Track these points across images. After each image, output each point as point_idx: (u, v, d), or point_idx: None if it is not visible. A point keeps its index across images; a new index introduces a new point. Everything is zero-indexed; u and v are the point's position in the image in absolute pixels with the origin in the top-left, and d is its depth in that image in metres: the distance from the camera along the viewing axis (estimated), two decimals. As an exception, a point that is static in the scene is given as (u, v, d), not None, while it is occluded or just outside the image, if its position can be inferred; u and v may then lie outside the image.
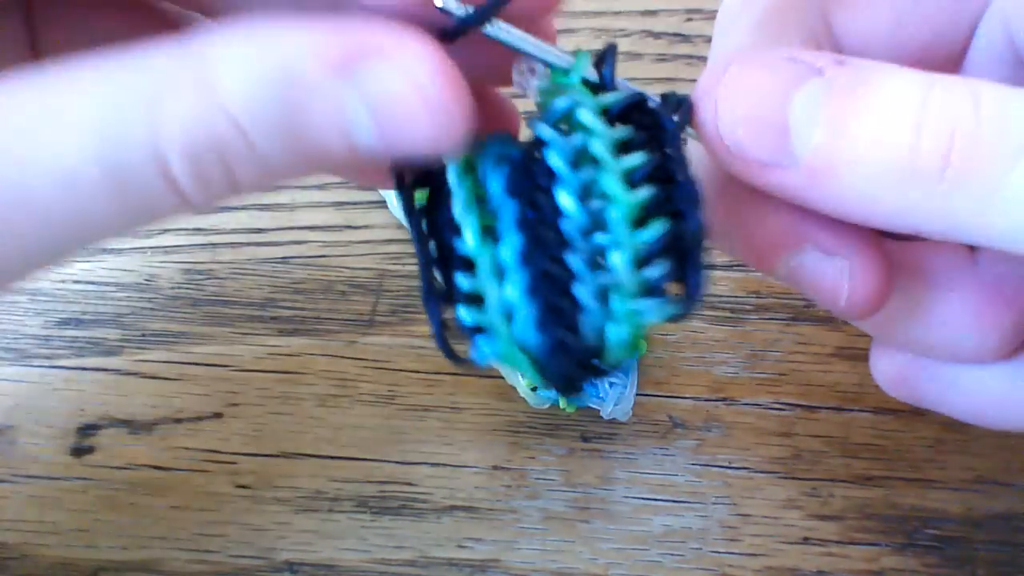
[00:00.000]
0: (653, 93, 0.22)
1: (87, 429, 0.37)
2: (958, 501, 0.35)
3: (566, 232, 0.22)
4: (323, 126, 0.20)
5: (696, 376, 0.37)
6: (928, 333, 0.23)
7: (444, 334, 0.22)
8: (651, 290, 0.21)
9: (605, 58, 0.22)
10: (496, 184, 0.22)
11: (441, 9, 0.21)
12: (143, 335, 0.38)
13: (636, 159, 0.21)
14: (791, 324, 0.37)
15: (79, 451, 0.36)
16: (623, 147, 0.21)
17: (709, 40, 0.41)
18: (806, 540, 0.34)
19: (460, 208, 0.22)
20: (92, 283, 0.39)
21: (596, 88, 0.22)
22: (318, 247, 0.39)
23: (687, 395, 0.36)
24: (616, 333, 0.21)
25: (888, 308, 0.23)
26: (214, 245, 0.39)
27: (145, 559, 0.35)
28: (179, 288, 0.39)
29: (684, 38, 0.42)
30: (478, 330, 0.22)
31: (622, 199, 0.21)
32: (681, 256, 0.22)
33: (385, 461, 0.36)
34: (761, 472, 0.35)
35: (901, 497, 0.35)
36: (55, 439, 0.36)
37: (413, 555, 0.35)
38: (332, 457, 0.36)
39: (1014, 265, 0.23)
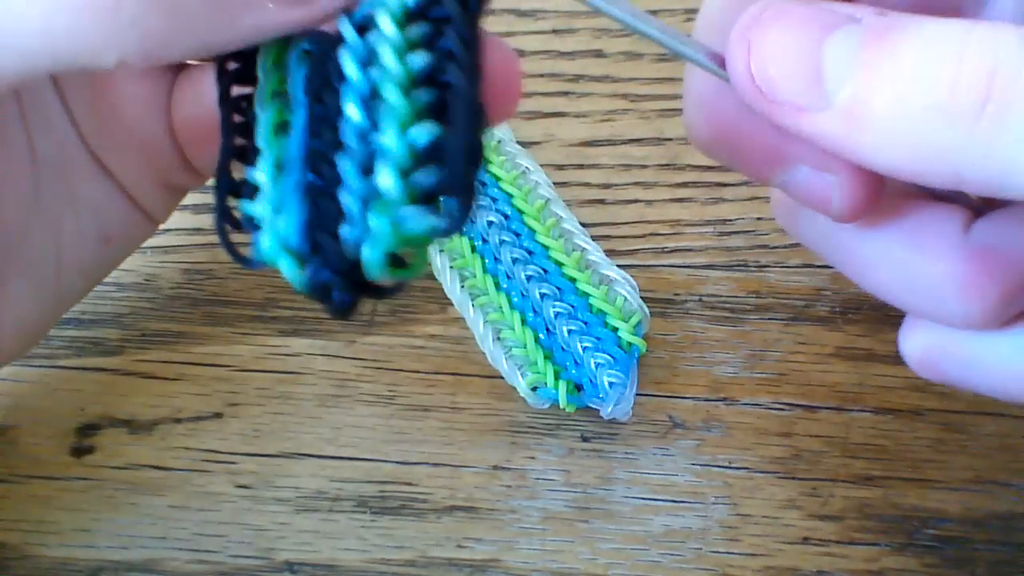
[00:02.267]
0: None
1: (87, 429, 0.37)
2: (958, 501, 0.35)
3: (344, 134, 0.21)
4: None
5: (696, 376, 0.37)
6: (916, 298, 0.24)
7: (223, 222, 0.22)
8: (416, 195, 0.20)
9: None
10: (295, 80, 0.22)
11: None
12: (143, 335, 0.38)
13: (418, 61, 0.21)
14: (791, 324, 0.37)
15: (79, 451, 0.36)
16: (414, 47, 0.21)
17: (709, 40, 0.42)
18: (806, 540, 0.35)
19: (257, 101, 0.22)
20: (92, 283, 0.39)
21: None
22: None
23: (687, 395, 0.36)
24: (376, 242, 0.20)
25: (881, 273, 0.24)
26: (214, 245, 0.39)
27: (145, 559, 0.35)
28: (179, 288, 0.39)
29: (684, 38, 0.42)
30: (255, 225, 0.22)
31: (395, 104, 0.20)
32: (453, 162, 0.20)
33: (385, 461, 0.36)
34: (761, 472, 0.35)
35: (901, 497, 0.35)
36: (55, 439, 0.36)
37: (413, 555, 0.35)
38: (332, 457, 0.36)
39: (1008, 235, 0.23)
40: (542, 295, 0.36)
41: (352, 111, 0.21)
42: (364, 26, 0.21)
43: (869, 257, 0.24)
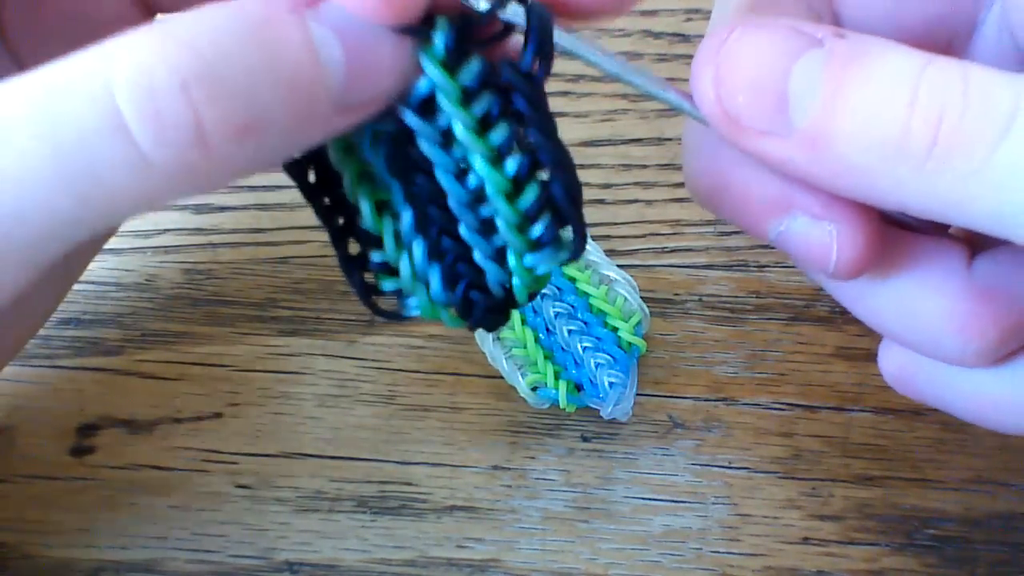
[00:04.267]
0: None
1: (87, 429, 0.37)
2: (958, 501, 0.35)
3: (453, 207, 0.23)
4: (294, 56, 0.19)
5: (696, 376, 0.37)
6: (916, 334, 0.24)
7: (369, 295, 0.24)
8: (539, 244, 0.23)
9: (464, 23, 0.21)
10: (379, 163, 0.22)
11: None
12: (143, 335, 0.38)
13: (499, 134, 0.22)
14: (791, 324, 0.37)
15: (79, 451, 0.36)
16: (485, 121, 0.22)
17: (709, 40, 0.42)
18: (806, 540, 0.35)
19: (348, 188, 0.23)
20: (92, 283, 0.39)
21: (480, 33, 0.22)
22: (318, 247, 0.39)
23: (687, 395, 0.36)
24: (519, 285, 0.24)
25: (881, 305, 0.24)
26: (214, 245, 0.39)
27: (145, 559, 0.35)
28: (179, 288, 0.39)
29: (684, 38, 0.42)
30: (400, 293, 0.24)
31: (492, 178, 0.22)
32: (561, 208, 0.23)
33: (385, 461, 0.36)
34: (761, 472, 0.35)
35: (901, 497, 0.35)
36: (55, 439, 0.36)
37: (413, 555, 0.35)
38: (332, 457, 0.36)
39: (1008, 274, 0.23)
40: (542, 295, 0.36)
41: (452, 188, 0.22)
42: (424, 105, 0.22)
43: (865, 289, 0.24)
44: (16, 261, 0.20)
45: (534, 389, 0.35)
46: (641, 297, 0.36)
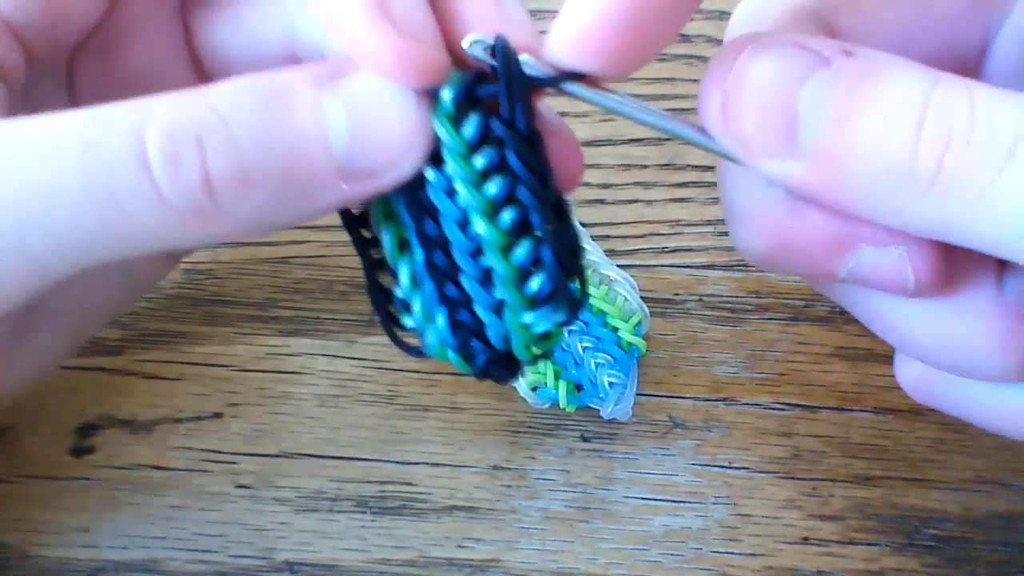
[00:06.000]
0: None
1: (87, 429, 0.37)
2: (958, 501, 0.35)
3: (456, 256, 0.23)
4: (300, 122, 0.21)
5: (696, 376, 0.37)
6: (953, 356, 0.23)
7: (392, 329, 0.25)
8: (534, 302, 0.23)
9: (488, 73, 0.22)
10: (398, 204, 0.24)
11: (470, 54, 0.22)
12: (143, 335, 0.38)
13: (495, 187, 0.22)
14: (791, 324, 0.37)
15: (79, 451, 0.36)
16: (487, 173, 0.22)
17: (709, 40, 0.42)
18: (806, 540, 0.35)
19: (375, 223, 0.24)
20: (92, 283, 0.38)
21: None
22: (318, 247, 0.39)
23: (687, 395, 0.36)
24: (517, 341, 0.24)
25: (913, 331, 0.23)
26: (214, 245, 0.39)
27: (145, 559, 0.35)
28: (179, 288, 0.39)
29: (684, 38, 0.42)
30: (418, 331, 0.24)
31: (486, 231, 0.22)
32: (549, 269, 0.23)
33: (385, 461, 0.36)
34: (761, 472, 0.35)
35: (901, 497, 0.35)
36: (55, 439, 0.36)
37: (413, 555, 0.35)
38: (332, 457, 0.36)
39: None
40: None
41: (454, 237, 0.23)
42: (437, 156, 0.23)
43: (900, 312, 0.24)
44: (26, 269, 0.22)
45: (534, 389, 0.35)
46: (641, 297, 0.36)
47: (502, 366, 0.24)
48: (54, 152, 0.21)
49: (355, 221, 0.25)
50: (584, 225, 0.38)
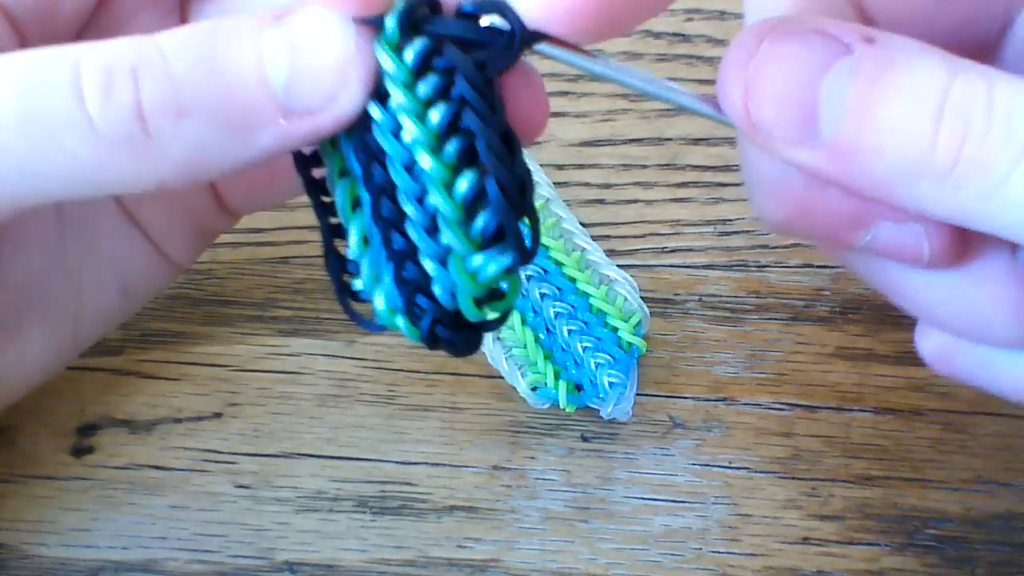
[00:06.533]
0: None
1: (87, 429, 0.37)
2: (958, 501, 0.35)
3: (401, 200, 0.22)
4: (239, 55, 0.21)
5: (696, 376, 0.37)
6: (968, 322, 0.24)
7: (344, 296, 0.24)
8: (480, 243, 0.21)
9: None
10: (348, 154, 0.22)
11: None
12: (143, 335, 0.38)
13: (437, 116, 0.21)
14: (791, 324, 0.37)
15: (79, 451, 0.36)
16: (430, 103, 0.21)
17: (709, 40, 0.42)
18: (806, 540, 0.34)
19: (328, 183, 0.23)
20: (92, 283, 0.38)
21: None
22: (318, 247, 0.38)
23: (687, 395, 0.36)
24: (463, 292, 0.22)
25: (930, 293, 0.24)
26: (214, 245, 0.39)
27: (145, 559, 0.35)
28: (179, 288, 0.39)
29: (684, 38, 0.42)
30: (367, 298, 0.23)
31: (428, 163, 0.21)
32: (493, 203, 0.21)
33: (385, 461, 0.36)
34: (761, 472, 0.35)
35: (901, 497, 0.35)
36: (55, 439, 0.36)
37: (413, 555, 0.35)
38: (332, 457, 0.36)
39: None
40: (542, 295, 0.36)
41: (399, 180, 0.22)
42: (385, 93, 0.22)
43: (916, 281, 0.24)
44: None
45: (534, 389, 0.35)
46: (641, 297, 0.36)
47: (453, 330, 0.22)
48: None
49: (318, 187, 0.24)
50: (584, 225, 0.38)
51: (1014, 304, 0.23)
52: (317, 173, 0.24)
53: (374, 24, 0.21)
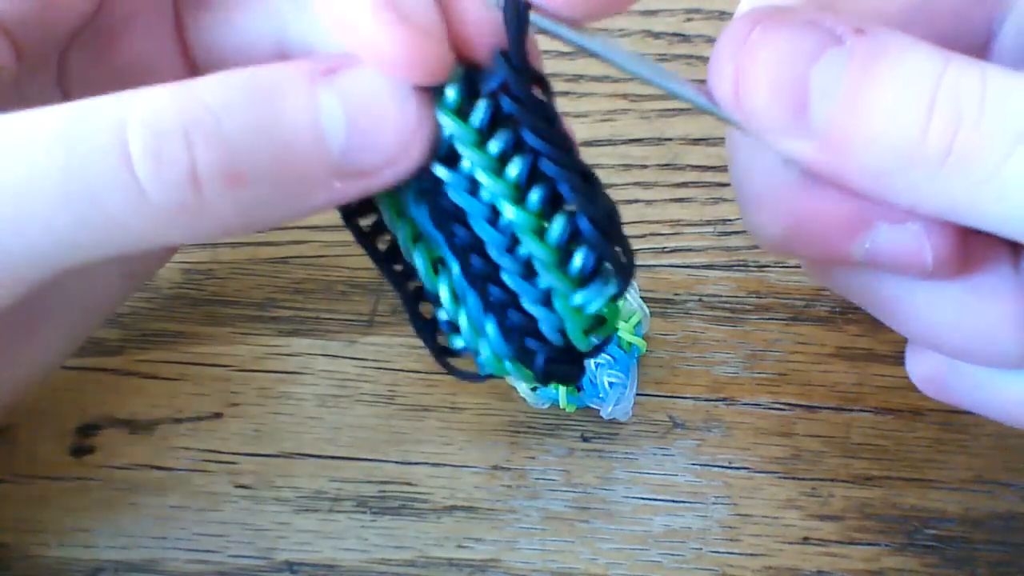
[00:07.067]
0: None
1: (87, 429, 0.37)
2: (958, 501, 0.35)
3: (492, 253, 0.22)
4: (294, 116, 0.21)
5: (696, 376, 0.37)
6: (970, 341, 0.23)
7: (444, 357, 0.24)
8: (581, 280, 0.22)
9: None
10: (423, 220, 0.23)
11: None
12: (143, 335, 0.38)
13: (516, 169, 0.22)
14: (791, 324, 0.37)
15: (79, 451, 0.36)
16: (504, 157, 0.22)
17: (709, 40, 0.42)
18: (806, 540, 0.35)
19: (405, 249, 0.23)
20: (92, 283, 0.38)
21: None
22: (318, 247, 0.39)
23: (687, 395, 0.36)
24: (572, 328, 0.22)
25: (929, 316, 0.23)
26: (214, 245, 0.39)
27: (145, 559, 0.35)
28: (179, 288, 0.39)
29: (684, 38, 0.42)
30: (471, 350, 0.23)
31: (516, 215, 0.22)
32: (588, 239, 0.22)
33: (385, 461, 0.36)
34: (761, 472, 0.35)
35: (901, 497, 0.35)
36: (55, 439, 0.36)
37: (413, 555, 0.35)
38: (332, 457, 0.36)
39: None
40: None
41: (486, 235, 0.22)
42: (449, 155, 0.22)
43: (916, 296, 0.23)
44: (4, 272, 0.21)
45: (534, 389, 0.35)
46: (641, 297, 0.36)
47: (563, 363, 0.23)
48: (30, 150, 0.20)
49: (386, 257, 0.24)
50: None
51: (1017, 320, 0.23)
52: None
53: (433, 90, 0.21)
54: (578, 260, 0.22)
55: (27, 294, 0.23)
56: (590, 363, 0.35)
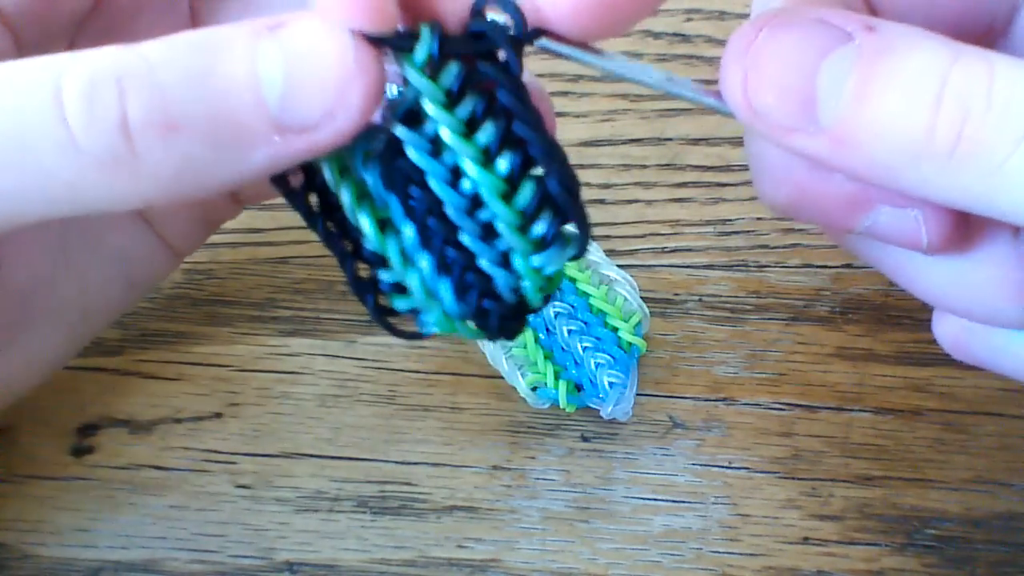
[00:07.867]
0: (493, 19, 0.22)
1: (87, 429, 0.37)
2: (958, 501, 0.35)
3: (451, 215, 0.22)
4: (232, 68, 0.20)
5: (696, 376, 0.37)
6: (973, 305, 0.24)
7: (385, 317, 0.24)
8: (544, 243, 0.22)
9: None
10: (373, 181, 0.23)
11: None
12: (143, 335, 0.38)
13: (486, 134, 0.22)
14: (791, 324, 0.37)
15: (79, 451, 0.36)
16: (472, 122, 0.22)
17: (709, 40, 0.42)
18: (806, 540, 0.35)
19: (349, 209, 0.23)
20: (92, 283, 0.38)
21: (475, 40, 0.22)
22: (318, 247, 0.38)
23: (687, 395, 0.36)
24: (529, 287, 0.23)
25: (933, 281, 0.24)
26: (214, 245, 0.39)
27: (145, 559, 0.35)
28: (179, 288, 0.39)
29: (684, 38, 0.42)
30: (415, 311, 0.23)
31: (484, 179, 0.22)
32: (559, 202, 0.22)
33: (385, 461, 0.36)
34: (761, 472, 0.35)
35: (901, 497, 0.35)
36: (55, 439, 0.36)
37: (413, 555, 0.35)
38: (332, 457, 0.36)
39: None
40: (542, 295, 0.36)
41: (446, 196, 0.22)
42: (411, 115, 0.22)
43: (918, 265, 0.24)
44: None
45: (534, 389, 0.35)
46: (641, 297, 0.36)
47: (514, 320, 0.24)
48: None
49: (317, 216, 0.24)
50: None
51: (1016, 286, 0.23)
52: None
53: (380, 43, 0.21)
54: (542, 224, 0.22)
55: None
56: (590, 363, 0.35)
